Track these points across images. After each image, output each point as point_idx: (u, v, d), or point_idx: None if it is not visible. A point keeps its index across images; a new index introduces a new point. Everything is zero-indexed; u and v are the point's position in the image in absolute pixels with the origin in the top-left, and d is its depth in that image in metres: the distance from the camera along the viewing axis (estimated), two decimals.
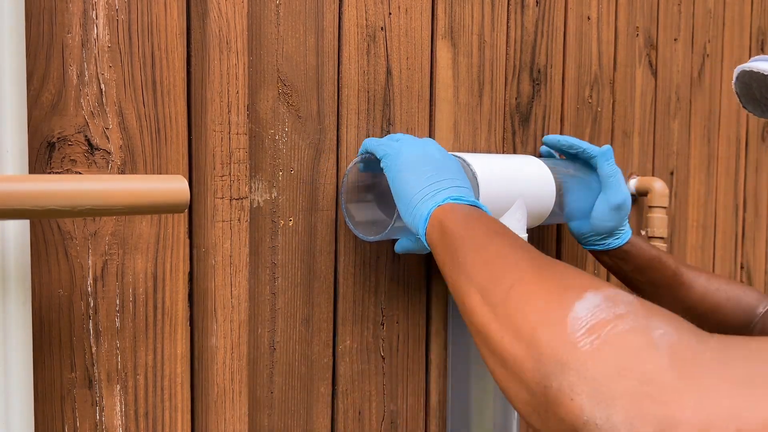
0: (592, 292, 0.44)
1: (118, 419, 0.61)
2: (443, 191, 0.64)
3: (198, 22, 0.63)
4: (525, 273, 0.49)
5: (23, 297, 0.52)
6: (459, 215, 0.61)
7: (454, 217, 0.60)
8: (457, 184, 0.66)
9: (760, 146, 1.53)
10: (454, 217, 0.60)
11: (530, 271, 0.49)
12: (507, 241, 0.55)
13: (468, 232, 0.57)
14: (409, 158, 0.67)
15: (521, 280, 0.48)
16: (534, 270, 0.49)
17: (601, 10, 1.06)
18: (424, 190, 0.65)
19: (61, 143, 0.58)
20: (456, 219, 0.60)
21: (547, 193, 0.83)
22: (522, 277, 0.48)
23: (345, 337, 0.78)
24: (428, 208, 0.63)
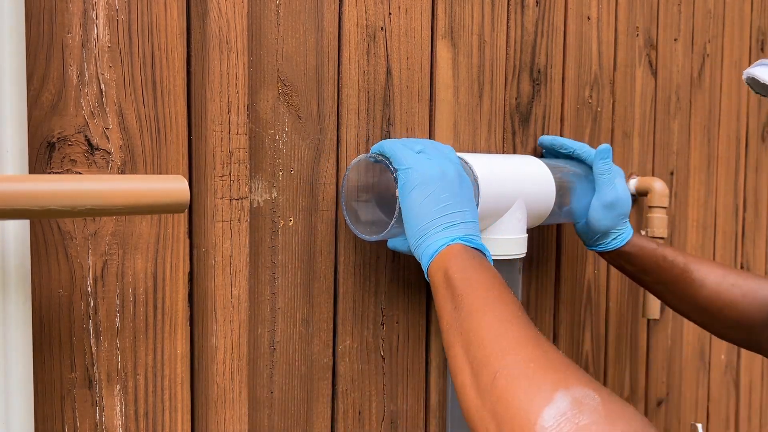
0: (561, 393, 0.48)
1: (118, 419, 0.61)
2: (455, 227, 0.66)
3: (198, 22, 0.63)
4: (511, 362, 0.53)
5: (23, 297, 0.52)
6: (465, 264, 0.63)
7: (459, 266, 0.63)
8: (468, 219, 0.67)
9: (760, 146, 1.53)
10: (460, 265, 0.63)
11: (515, 361, 0.53)
12: (504, 311, 0.58)
13: (469, 291, 0.61)
14: (427, 178, 0.67)
15: (506, 369, 0.53)
16: (519, 360, 0.53)
17: (601, 10, 1.06)
18: (436, 221, 0.66)
19: (61, 143, 0.58)
20: (461, 268, 0.63)
21: (547, 193, 0.83)
22: (507, 366, 0.53)
23: (345, 337, 0.78)
24: (437, 244, 0.65)
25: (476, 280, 0.61)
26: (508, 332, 0.56)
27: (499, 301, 0.59)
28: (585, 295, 1.08)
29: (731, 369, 1.47)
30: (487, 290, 0.60)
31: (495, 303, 0.59)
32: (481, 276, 0.62)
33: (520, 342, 0.55)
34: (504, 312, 0.58)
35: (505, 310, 0.58)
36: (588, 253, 1.08)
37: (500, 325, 0.56)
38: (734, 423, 1.51)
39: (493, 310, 0.58)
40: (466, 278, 0.62)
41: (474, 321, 0.58)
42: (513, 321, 0.57)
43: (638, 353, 1.20)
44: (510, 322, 0.57)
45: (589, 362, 1.09)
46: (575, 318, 1.06)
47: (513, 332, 0.56)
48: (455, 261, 0.63)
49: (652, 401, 1.25)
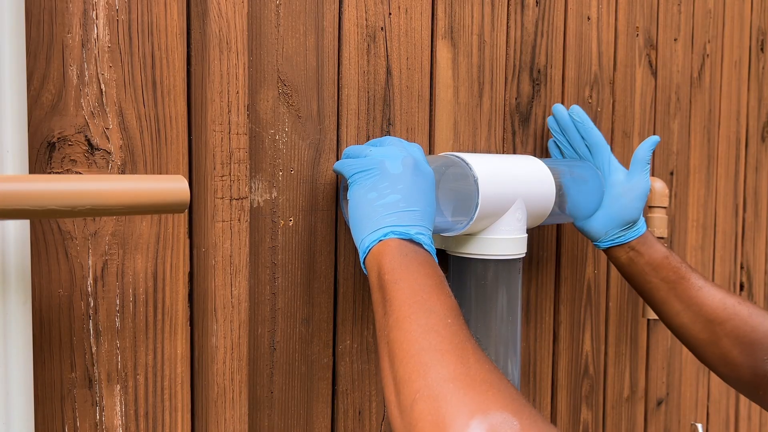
0: (478, 421, 0.46)
1: (118, 419, 0.61)
2: (393, 219, 0.62)
3: (198, 22, 0.63)
4: (432, 381, 0.50)
5: (23, 297, 0.52)
6: (395, 263, 0.59)
7: (389, 265, 0.59)
8: (412, 208, 0.63)
9: (760, 146, 1.53)
10: (390, 264, 0.59)
11: (435, 380, 0.50)
12: (430, 319, 0.55)
13: (398, 294, 0.57)
14: (369, 170, 0.65)
15: (426, 389, 0.50)
16: (440, 378, 0.50)
17: (601, 10, 1.06)
18: (375, 213, 0.62)
19: (61, 143, 0.58)
20: (391, 268, 0.59)
21: (547, 193, 0.83)
22: (428, 386, 0.50)
23: (345, 337, 0.78)
24: (370, 239, 0.62)
25: (406, 282, 0.58)
26: (432, 345, 0.53)
27: (425, 308, 0.55)
28: (585, 295, 1.08)
29: None
30: (415, 293, 0.57)
31: (421, 309, 0.55)
32: (412, 276, 0.58)
33: (444, 356, 0.52)
34: (430, 320, 0.55)
35: (432, 318, 0.55)
36: (588, 253, 1.08)
37: (425, 337, 0.53)
38: (734, 423, 1.51)
39: (419, 318, 0.55)
40: (396, 280, 0.58)
41: (399, 331, 0.55)
42: (440, 330, 0.54)
43: (638, 353, 1.20)
44: (436, 332, 0.54)
45: (589, 362, 1.10)
46: (575, 318, 1.06)
47: (437, 344, 0.53)
48: (387, 259, 0.60)
49: (652, 401, 1.25)
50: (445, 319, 0.55)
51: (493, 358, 0.81)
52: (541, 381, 1.01)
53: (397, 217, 0.62)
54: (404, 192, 0.63)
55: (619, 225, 0.90)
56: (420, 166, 0.66)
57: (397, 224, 0.62)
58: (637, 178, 0.90)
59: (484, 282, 0.79)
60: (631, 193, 0.90)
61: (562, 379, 1.05)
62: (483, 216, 0.75)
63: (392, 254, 0.60)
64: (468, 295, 0.80)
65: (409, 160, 0.65)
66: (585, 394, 1.09)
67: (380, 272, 0.59)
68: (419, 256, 0.60)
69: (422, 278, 0.58)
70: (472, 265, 0.80)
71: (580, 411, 1.08)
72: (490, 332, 0.80)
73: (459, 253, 0.79)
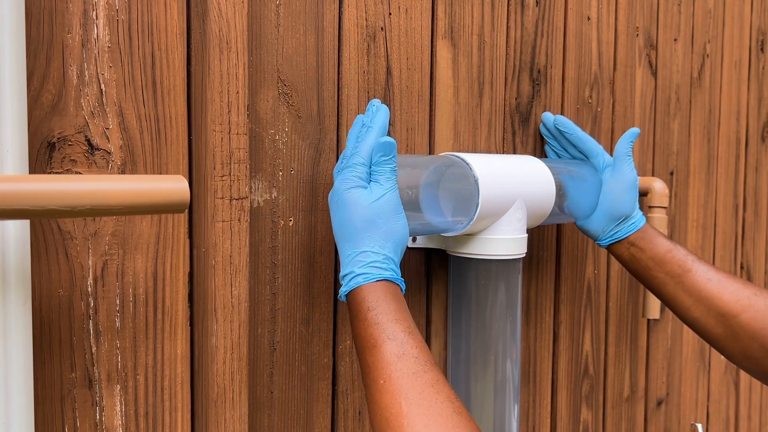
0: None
1: (118, 419, 0.61)
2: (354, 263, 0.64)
3: (198, 22, 0.63)
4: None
5: (23, 297, 0.52)
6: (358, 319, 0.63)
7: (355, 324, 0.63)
8: (356, 250, 0.65)
9: (760, 146, 1.53)
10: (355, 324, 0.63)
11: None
12: (394, 384, 0.58)
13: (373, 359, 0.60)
14: (333, 201, 0.67)
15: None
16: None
17: (601, 10, 1.06)
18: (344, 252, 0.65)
19: (61, 143, 0.58)
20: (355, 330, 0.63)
21: (547, 193, 0.83)
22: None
23: (345, 337, 0.78)
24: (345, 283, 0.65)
25: (380, 350, 0.60)
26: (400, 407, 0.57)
27: (395, 372, 0.58)
28: (585, 295, 1.08)
29: (731, 369, 1.47)
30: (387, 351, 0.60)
31: (394, 375, 0.58)
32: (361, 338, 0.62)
33: (411, 412, 0.56)
34: (401, 374, 0.59)
35: (406, 371, 0.59)
36: (588, 253, 1.08)
37: (396, 398, 0.57)
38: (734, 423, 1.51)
39: (394, 380, 0.58)
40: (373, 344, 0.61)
41: (377, 388, 0.59)
42: (411, 390, 0.58)
43: (638, 353, 1.20)
44: (408, 392, 0.58)
45: (589, 362, 1.10)
46: (575, 318, 1.06)
47: (407, 401, 0.57)
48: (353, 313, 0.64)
49: (652, 401, 1.25)
50: (411, 382, 0.59)
51: (492, 358, 0.81)
52: (541, 381, 1.01)
53: (355, 263, 0.66)
54: (358, 230, 0.66)
55: (613, 220, 0.90)
56: (334, 195, 0.67)
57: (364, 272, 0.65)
58: (620, 170, 0.90)
59: (484, 282, 0.79)
60: (619, 186, 0.90)
61: (562, 379, 1.05)
62: (483, 216, 0.75)
63: (353, 309, 0.65)
64: (468, 295, 0.80)
65: (354, 188, 0.66)
66: (585, 394, 1.09)
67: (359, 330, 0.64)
68: (359, 310, 0.65)
69: (362, 341, 0.63)
70: (472, 265, 0.80)
71: (580, 411, 1.08)
72: (490, 332, 0.80)
73: (459, 253, 0.79)
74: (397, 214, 0.65)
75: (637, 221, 0.90)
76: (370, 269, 0.63)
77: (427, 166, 0.74)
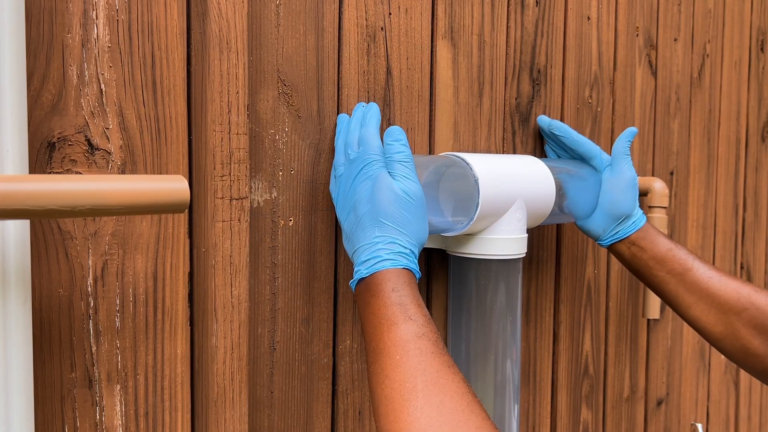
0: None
1: (118, 419, 0.61)
2: (379, 250, 0.64)
3: (198, 22, 0.63)
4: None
5: (23, 297, 0.52)
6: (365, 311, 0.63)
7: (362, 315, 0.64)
8: (368, 241, 0.65)
9: (760, 146, 1.53)
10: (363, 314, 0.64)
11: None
12: (406, 374, 0.57)
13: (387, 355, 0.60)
14: (339, 194, 0.69)
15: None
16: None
17: (601, 10, 1.06)
18: (356, 243, 0.66)
19: (61, 143, 0.58)
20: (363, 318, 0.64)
21: (547, 193, 0.83)
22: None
23: (345, 337, 0.78)
24: (361, 271, 0.65)
25: (399, 350, 0.60)
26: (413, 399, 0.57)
27: (402, 365, 0.58)
28: (585, 295, 1.08)
29: (731, 369, 1.47)
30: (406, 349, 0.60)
31: (401, 365, 0.58)
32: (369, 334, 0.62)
33: (425, 405, 0.56)
34: (413, 364, 0.59)
35: (417, 361, 0.59)
36: (588, 253, 1.08)
37: (406, 394, 0.57)
38: (734, 423, 1.51)
39: (402, 371, 0.58)
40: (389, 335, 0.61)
41: (385, 382, 0.58)
42: (424, 381, 0.58)
43: (638, 353, 1.20)
44: (421, 382, 0.58)
45: (589, 362, 1.10)
46: (575, 318, 1.06)
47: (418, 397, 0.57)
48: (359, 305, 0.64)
49: (652, 401, 1.25)
50: (424, 371, 0.58)
51: (492, 358, 0.81)
52: (541, 381, 1.01)
53: (366, 252, 0.67)
54: (371, 219, 0.67)
55: (613, 219, 0.90)
56: (383, 183, 0.67)
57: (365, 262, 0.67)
58: (619, 169, 0.90)
59: (484, 282, 0.79)
60: (618, 185, 0.90)
61: (562, 379, 1.05)
62: (483, 216, 0.75)
63: (360, 297, 0.66)
64: (468, 295, 0.80)
65: (377, 177, 0.67)
66: (585, 394, 1.09)
67: (371, 314, 0.65)
68: (370, 302, 0.65)
69: (369, 331, 0.64)
70: (473, 265, 0.80)
71: (580, 411, 1.08)
72: (490, 332, 0.80)
73: (459, 252, 0.79)
74: (426, 215, 0.67)
75: (638, 220, 0.90)
76: (398, 257, 0.64)
77: (427, 166, 0.74)
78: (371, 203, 0.65)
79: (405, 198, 0.65)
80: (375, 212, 0.65)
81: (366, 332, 0.63)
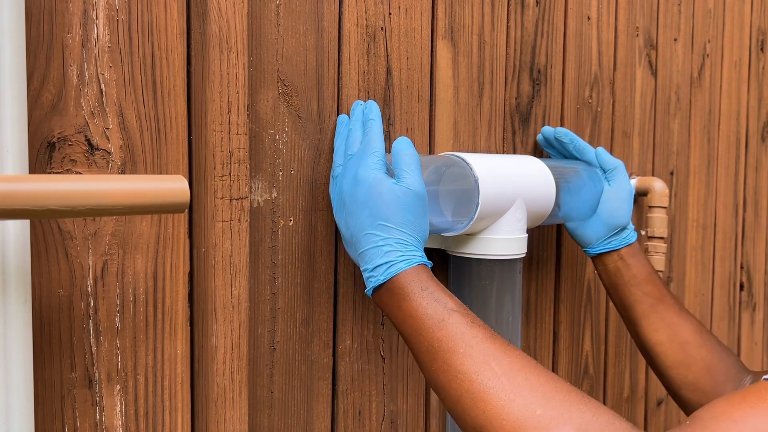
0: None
1: (118, 419, 0.61)
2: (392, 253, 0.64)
3: (198, 22, 0.63)
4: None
5: (23, 297, 0.52)
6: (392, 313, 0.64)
7: (391, 313, 0.64)
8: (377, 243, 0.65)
9: (760, 146, 1.53)
10: (392, 313, 0.64)
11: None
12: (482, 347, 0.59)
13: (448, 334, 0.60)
14: (342, 193, 0.68)
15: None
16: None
17: (601, 10, 1.06)
18: (362, 246, 0.66)
19: (61, 143, 0.58)
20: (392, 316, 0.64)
21: (547, 193, 0.83)
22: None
23: (345, 337, 0.78)
24: (370, 280, 0.65)
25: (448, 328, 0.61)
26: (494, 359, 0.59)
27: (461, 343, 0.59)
28: (585, 295, 1.08)
29: None
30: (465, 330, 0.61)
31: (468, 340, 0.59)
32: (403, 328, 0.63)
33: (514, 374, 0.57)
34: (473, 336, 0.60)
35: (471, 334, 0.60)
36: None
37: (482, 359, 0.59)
38: None
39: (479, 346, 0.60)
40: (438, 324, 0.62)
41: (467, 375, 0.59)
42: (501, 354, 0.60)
43: (638, 353, 1.20)
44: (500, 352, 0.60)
45: (589, 362, 1.10)
46: (575, 318, 1.06)
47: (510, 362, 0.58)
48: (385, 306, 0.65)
49: (652, 401, 1.25)
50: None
51: None
52: None
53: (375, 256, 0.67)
54: (377, 220, 0.67)
55: (609, 229, 0.90)
56: (380, 183, 0.67)
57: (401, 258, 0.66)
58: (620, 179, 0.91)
59: (484, 282, 0.79)
60: (620, 194, 0.91)
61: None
62: (483, 216, 0.75)
63: (387, 301, 0.66)
64: (468, 295, 0.80)
65: (377, 178, 0.67)
66: None
67: (410, 312, 0.64)
68: (393, 299, 0.65)
69: (403, 326, 0.64)
70: (473, 265, 0.80)
71: None
72: None
73: (459, 252, 0.79)
74: (427, 214, 0.68)
75: (630, 236, 0.91)
76: (410, 255, 0.64)
77: (427, 166, 0.74)
78: (371, 205, 0.65)
79: (406, 198, 0.65)
80: (376, 215, 0.64)
81: (408, 335, 0.62)
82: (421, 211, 0.66)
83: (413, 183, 0.66)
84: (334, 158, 0.72)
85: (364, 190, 0.65)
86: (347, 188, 0.67)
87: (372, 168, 0.66)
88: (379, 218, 0.64)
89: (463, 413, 0.57)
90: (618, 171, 0.92)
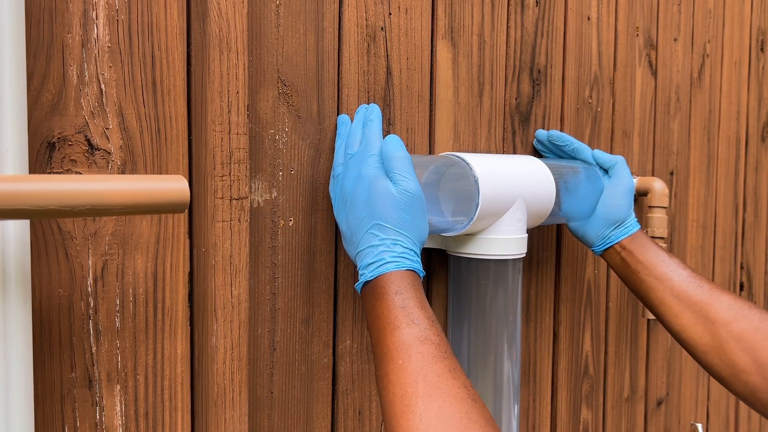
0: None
1: (118, 419, 0.61)
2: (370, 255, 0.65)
3: (198, 22, 0.63)
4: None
5: (23, 297, 0.52)
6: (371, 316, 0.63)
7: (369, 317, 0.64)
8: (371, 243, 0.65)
9: (760, 146, 1.53)
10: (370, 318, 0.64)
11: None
12: (411, 377, 0.58)
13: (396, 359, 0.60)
14: (344, 192, 0.68)
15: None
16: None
17: (601, 10, 1.06)
18: (358, 245, 0.66)
19: (61, 143, 0.58)
20: (370, 323, 0.63)
21: (547, 193, 0.83)
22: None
23: (345, 337, 0.78)
24: (367, 273, 0.65)
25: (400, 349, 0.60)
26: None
27: (407, 370, 0.59)
28: (585, 295, 1.08)
29: None
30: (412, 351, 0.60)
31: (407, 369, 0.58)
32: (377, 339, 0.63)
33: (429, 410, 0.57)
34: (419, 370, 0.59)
35: (423, 365, 0.59)
36: (588, 253, 1.08)
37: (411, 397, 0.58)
38: (734, 423, 1.51)
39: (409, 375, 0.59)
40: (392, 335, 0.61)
41: (394, 391, 0.59)
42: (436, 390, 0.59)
43: (638, 353, 1.20)
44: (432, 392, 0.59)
45: (589, 362, 1.10)
46: (575, 318, 1.06)
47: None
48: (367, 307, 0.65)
49: (652, 401, 1.25)
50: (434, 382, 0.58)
51: (492, 358, 0.81)
52: (541, 381, 1.01)
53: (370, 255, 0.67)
54: (369, 219, 0.68)
55: (609, 224, 0.90)
56: (378, 184, 0.68)
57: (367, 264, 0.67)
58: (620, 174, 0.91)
59: (484, 282, 0.79)
60: (619, 190, 0.90)
61: (562, 379, 1.05)
62: (483, 216, 0.75)
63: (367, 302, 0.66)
64: (468, 295, 0.80)
65: (376, 176, 0.67)
66: (585, 394, 1.09)
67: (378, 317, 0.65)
68: (375, 304, 0.65)
69: (374, 334, 0.64)
70: (472, 265, 0.80)
71: (580, 411, 1.08)
72: (489, 332, 0.80)
73: (459, 253, 0.79)
74: (426, 214, 0.68)
75: (631, 227, 0.91)
76: (401, 259, 0.64)
77: (427, 166, 0.74)
78: (370, 205, 0.65)
79: (403, 199, 0.65)
80: (374, 215, 0.65)
81: (371, 336, 0.63)
82: (419, 212, 0.66)
83: (409, 186, 0.66)
84: (335, 158, 0.72)
85: (364, 190, 0.65)
86: (348, 187, 0.67)
87: (372, 168, 0.66)
88: (377, 218, 0.64)
89: (385, 422, 0.57)
90: (618, 166, 0.91)
